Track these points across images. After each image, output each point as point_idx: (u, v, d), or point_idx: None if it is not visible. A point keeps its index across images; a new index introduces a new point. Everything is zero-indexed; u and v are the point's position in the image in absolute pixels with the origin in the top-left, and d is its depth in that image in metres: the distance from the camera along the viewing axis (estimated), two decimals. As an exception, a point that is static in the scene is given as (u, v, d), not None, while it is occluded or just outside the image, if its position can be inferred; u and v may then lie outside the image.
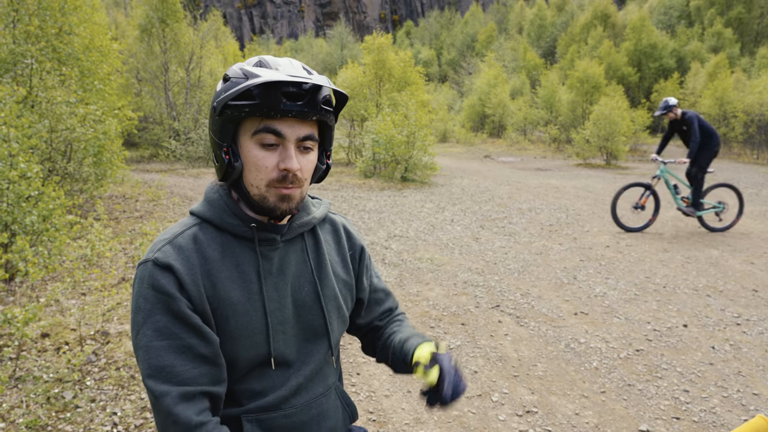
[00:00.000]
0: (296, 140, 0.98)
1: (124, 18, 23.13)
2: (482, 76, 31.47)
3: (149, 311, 0.94)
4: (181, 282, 0.95)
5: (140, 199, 8.59)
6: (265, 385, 1.05)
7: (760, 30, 38.30)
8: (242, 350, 1.01)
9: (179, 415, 0.91)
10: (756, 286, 5.07)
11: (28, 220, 4.01)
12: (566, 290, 4.91)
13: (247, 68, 0.97)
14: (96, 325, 3.67)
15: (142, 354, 0.94)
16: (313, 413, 1.11)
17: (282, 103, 0.93)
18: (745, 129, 20.84)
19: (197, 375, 0.95)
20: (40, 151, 5.92)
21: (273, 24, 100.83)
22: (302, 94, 0.94)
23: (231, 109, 0.94)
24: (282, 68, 0.97)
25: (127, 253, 5.43)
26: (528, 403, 2.99)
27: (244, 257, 1.03)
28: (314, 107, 0.96)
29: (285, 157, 0.97)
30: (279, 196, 0.99)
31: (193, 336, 0.95)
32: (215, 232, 1.03)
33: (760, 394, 3.11)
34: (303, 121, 0.97)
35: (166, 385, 0.92)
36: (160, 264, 0.95)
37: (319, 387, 1.13)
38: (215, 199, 1.05)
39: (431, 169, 12.72)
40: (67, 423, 2.60)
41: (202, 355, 0.96)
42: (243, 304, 1.01)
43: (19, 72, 6.42)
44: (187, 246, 0.99)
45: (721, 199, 7.62)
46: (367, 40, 16.48)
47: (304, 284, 1.11)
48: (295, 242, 1.12)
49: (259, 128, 0.96)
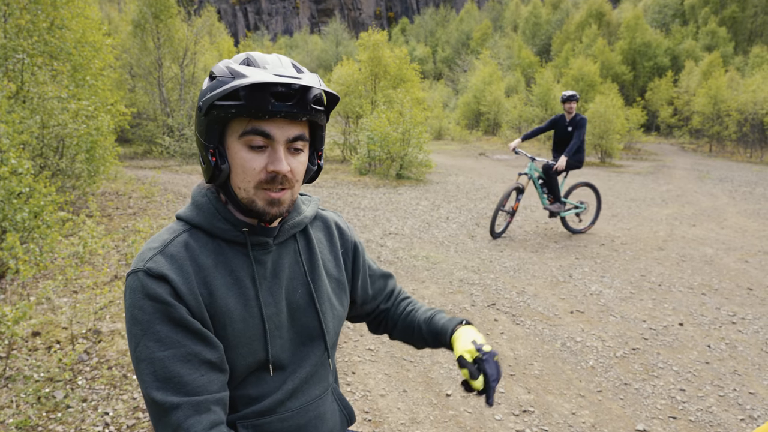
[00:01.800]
0: (285, 141, 0.94)
1: (118, 13, 22.95)
2: (477, 74, 31.46)
3: (148, 322, 0.90)
4: (177, 292, 0.92)
5: (133, 195, 8.52)
6: (260, 390, 1.03)
7: (754, 29, 38.47)
8: (240, 358, 0.99)
9: (189, 429, 0.88)
10: (751, 285, 5.08)
11: (18, 216, 3.95)
12: (562, 288, 4.91)
13: (234, 67, 0.92)
14: (88, 324, 3.63)
15: (145, 366, 0.89)
16: (309, 416, 1.09)
17: (270, 103, 0.89)
18: (739, 128, 20.96)
19: (206, 383, 0.92)
20: (31, 147, 5.85)
21: (268, 20, 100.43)
22: (291, 94, 0.90)
23: (217, 109, 0.90)
24: (270, 66, 0.93)
25: (120, 250, 5.38)
26: (524, 402, 2.97)
27: (237, 263, 1.00)
28: (304, 108, 0.92)
29: (274, 159, 0.93)
30: (268, 200, 0.95)
31: (197, 342, 0.92)
32: (206, 238, 1.00)
33: (756, 393, 3.11)
34: (292, 121, 0.93)
35: (176, 397, 0.88)
36: (153, 274, 0.91)
37: (315, 389, 1.11)
38: (204, 203, 1.02)
39: (426, 167, 12.70)
40: (58, 423, 2.56)
41: (208, 362, 0.93)
42: (240, 311, 0.98)
43: (10, 67, 6.33)
44: (179, 254, 0.96)
45: (582, 199, 7.35)
46: (363, 37, 16.41)
47: (297, 286, 1.08)
48: (287, 244, 1.09)
49: (247, 130, 0.91)
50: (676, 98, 28.58)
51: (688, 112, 26.11)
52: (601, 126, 17.32)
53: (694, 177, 13.92)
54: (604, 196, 10.33)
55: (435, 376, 3.24)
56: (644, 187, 11.95)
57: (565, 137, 6.75)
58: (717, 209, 9.16)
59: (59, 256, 4.34)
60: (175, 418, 0.88)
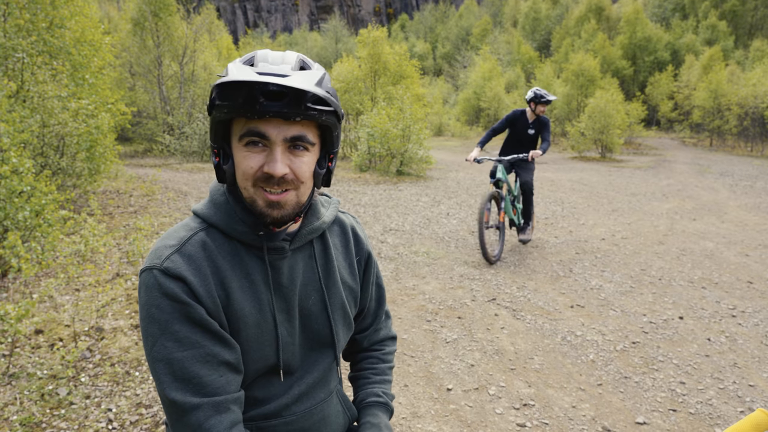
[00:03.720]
0: (283, 142, 0.90)
1: (117, 12, 22.94)
2: (477, 70, 31.41)
3: (166, 321, 0.89)
4: (195, 293, 0.91)
5: (134, 194, 8.53)
6: (267, 393, 1.03)
7: (754, 22, 38.37)
8: (251, 362, 0.99)
9: (211, 429, 0.88)
10: (751, 278, 5.09)
11: (20, 215, 3.97)
12: (562, 283, 4.92)
13: (232, 65, 0.91)
14: (90, 321, 3.64)
15: (162, 367, 0.88)
16: (314, 419, 1.10)
17: (258, 103, 0.85)
18: (740, 121, 20.93)
19: (225, 383, 0.92)
20: (32, 146, 5.86)
21: (267, 17, 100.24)
22: (283, 93, 0.85)
23: (217, 109, 0.89)
24: (262, 65, 0.91)
25: (122, 248, 5.40)
26: (525, 396, 2.99)
27: (253, 266, 0.99)
28: (297, 108, 0.86)
29: (269, 161, 0.90)
30: (267, 202, 0.92)
31: (216, 343, 0.92)
32: (223, 239, 0.98)
33: (755, 385, 3.12)
34: (290, 121, 0.89)
35: (196, 398, 0.88)
36: (171, 274, 0.90)
37: (320, 393, 1.12)
38: (222, 202, 1.00)
39: (426, 163, 12.70)
40: (61, 420, 2.58)
41: (227, 362, 0.93)
42: (254, 316, 0.98)
43: (10, 66, 6.34)
44: (197, 255, 0.94)
45: None
46: (362, 34, 16.40)
47: (311, 293, 1.07)
48: (303, 248, 1.07)
49: (244, 131, 0.90)
50: (676, 93, 28.54)
51: (689, 106, 26.10)
52: (601, 121, 17.30)
53: (694, 171, 13.91)
54: (605, 191, 10.33)
55: (436, 371, 3.26)
56: (645, 181, 11.94)
57: (525, 138, 5.92)
58: (717, 203, 9.16)
59: (61, 254, 4.35)
60: (195, 418, 0.88)
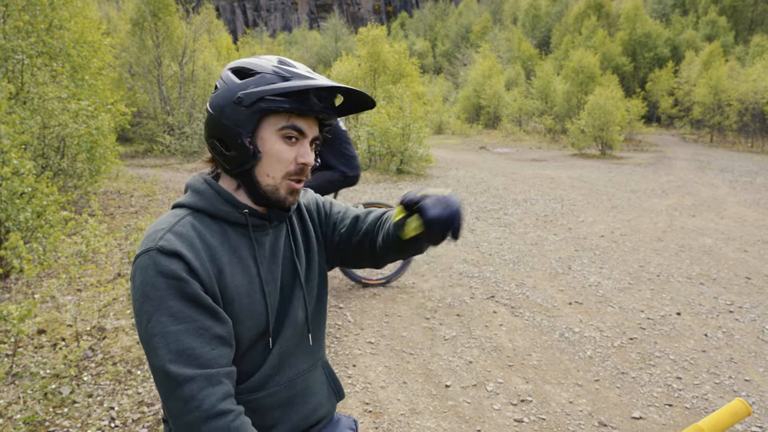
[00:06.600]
0: (312, 138, 1.07)
1: (116, 12, 22.93)
2: (477, 67, 31.38)
3: (160, 298, 0.92)
4: (191, 267, 0.95)
5: (135, 194, 8.56)
6: (254, 366, 1.09)
7: (754, 18, 38.28)
8: (245, 330, 1.04)
9: (204, 400, 0.91)
10: (749, 274, 5.11)
11: (21, 216, 4.00)
12: (561, 280, 4.94)
13: (285, 67, 1.03)
14: (92, 321, 3.68)
15: (158, 341, 0.91)
16: (297, 389, 1.15)
17: (315, 104, 1.03)
18: (740, 117, 20.90)
19: (217, 356, 0.95)
20: (32, 147, 5.89)
21: (266, 17, 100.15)
22: (326, 97, 1.06)
23: (266, 102, 0.99)
24: (307, 71, 1.05)
25: (123, 248, 5.43)
26: (522, 392, 3.02)
27: (239, 243, 1.06)
28: (332, 109, 1.08)
29: (304, 153, 1.05)
30: (290, 189, 1.06)
31: (208, 317, 0.96)
32: (210, 221, 1.05)
33: (751, 380, 3.15)
34: (316, 120, 1.07)
35: (190, 369, 0.91)
36: (166, 251, 0.94)
37: (302, 363, 1.17)
38: (204, 189, 1.07)
39: (427, 161, 12.72)
40: (64, 418, 2.61)
41: (218, 336, 0.97)
42: (245, 287, 1.04)
43: (10, 68, 6.37)
44: (188, 233, 0.99)
45: None
46: (362, 32, 16.39)
47: (287, 265, 1.16)
48: (280, 227, 1.17)
49: (287, 125, 1.02)
50: (676, 89, 28.49)
51: (689, 102, 26.05)
52: (601, 118, 17.29)
53: (694, 167, 13.91)
54: (605, 188, 10.35)
55: (434, 368, 3.29)
56: (645, 178, 11.95)
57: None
58: (717, 199, 9.17)
59: (62, 255, 4.38)
60: (188, 389, 0.91)
